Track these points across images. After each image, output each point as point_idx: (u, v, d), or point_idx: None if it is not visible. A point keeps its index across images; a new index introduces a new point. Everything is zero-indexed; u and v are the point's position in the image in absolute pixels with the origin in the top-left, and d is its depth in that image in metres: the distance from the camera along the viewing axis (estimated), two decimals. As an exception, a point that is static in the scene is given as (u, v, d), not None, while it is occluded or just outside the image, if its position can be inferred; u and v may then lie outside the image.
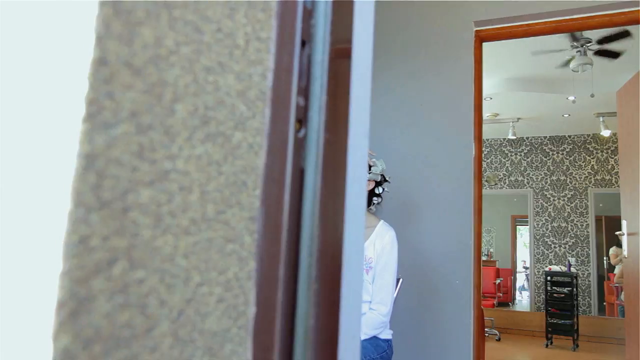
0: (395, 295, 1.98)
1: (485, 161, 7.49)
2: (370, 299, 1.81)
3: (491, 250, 9.85)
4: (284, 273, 0.42)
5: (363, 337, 1.75)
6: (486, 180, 7.41)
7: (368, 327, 1.76)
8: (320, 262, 0.43)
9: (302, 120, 0.45)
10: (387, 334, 1.84)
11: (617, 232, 3.05)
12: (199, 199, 0.35)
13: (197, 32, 0.35)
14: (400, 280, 2.09)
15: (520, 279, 9.60)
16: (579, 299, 6.30)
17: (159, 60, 0.32)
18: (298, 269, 0.43)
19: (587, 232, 6.70)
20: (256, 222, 0.42)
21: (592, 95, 4.79)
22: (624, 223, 2.93)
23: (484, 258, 9.51)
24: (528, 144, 7.22)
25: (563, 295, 5.51)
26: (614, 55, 4.37)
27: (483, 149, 7.50)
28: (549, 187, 6.95)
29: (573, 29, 2.21)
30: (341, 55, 0.49)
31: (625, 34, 4.00)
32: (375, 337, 1.79)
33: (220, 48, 0.38)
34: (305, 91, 0.45)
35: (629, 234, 2.88)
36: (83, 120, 0.26)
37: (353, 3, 0.53)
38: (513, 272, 9.13)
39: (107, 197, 0.28)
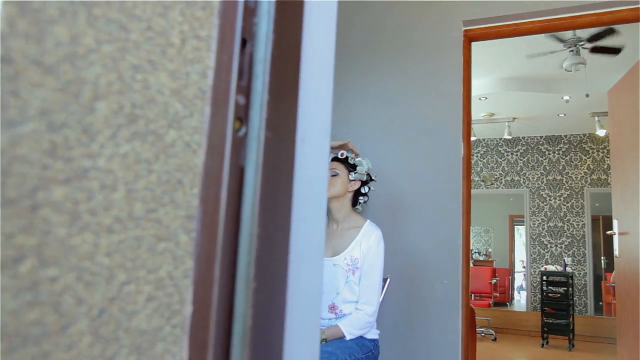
0: (382, 295, 1.98)
1: (481, 161, 7.49)
2: (357, 299, 1.81)
3: (489, 250, 9.85)
4: (220, 271, 0.41)
5: (349, 337, 1.75)
6: (482, 180, 7.41)
7: (354, 327, 1.75)
8: (259, 261, 0.43)
9: (242, 119, 0.45)
10: (373, 334, 1.84)
11: (608, 232, 3.05)
12: (124, 197, 0.35)
13: (122, 31, 0.35)
14: (388, 280, 2.09)
15: (519, 279, 9.60)
16: (574, 298, 6.29)
17: (75, 58, 0.32)
18: (236, 268, 0.43)
19: (584, 231, 6.70)
20: (194, 220, 0.42)
21: (587, 95, 4.79)
22: (615, 222, 2.92)
23: (481, 258, 9.51)
24: (524, 143, 7.22)
25: (559, 295, 5.51)
26: (615, 51, 4.30)
27: (479, 148, 7.50)
28: (545, 186, 6.95)
29: (561, 29, 2.21)
30: (287, 53, 0.49)
31: (611, 31, 3.99)
32: (361, 337, 1.79)
33: (150, 46, 0.38)
34: (246, 89, 0.45)
35: (620, 234, 2.88)
36: (-18, 118, 0.26)
37: (303, 3, 0.53)
38: (511, 271, 9.13)
39: (12, 195, 0.28)
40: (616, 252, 2.90)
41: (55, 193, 0.30)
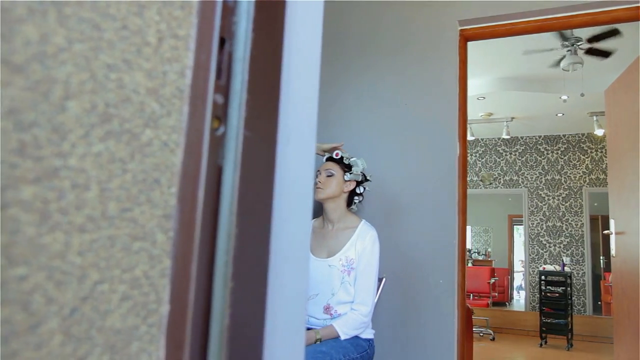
0: (377, 295, 1.98)
1: (480, 161, 7.49)
2: (352, 299, 1.81)
3: (489, 249, 9.85)
4: (198, 271, 0.41)
5: (343, 337, 1.75)
6: (481, 180, 7.41)
7: (348, 327, 1.75)
8: (237, 261, 0.43)
9: (221, 118, 0.45)
10: (368, 334, 1.84)
11: (605, 232, 3.05)
12: (97, 196, 0.35)
13: (95, 30, 0.35)
14: (384, 279, 2.09)
15: (518, 279, 9.60)
16: (573, 298, 6.29)
17: (45, 57, 0.32)
18: (214, 267, 0.43)
19: (582, 231, 6.70)
20: (171, 219, 0.42)
21: (582, 95, 4.79)
22: (612, 222, 2.92)
23: (481, 258, 9.52)
24: (523, 143, 7.22)
25: (557, 294, 5.51)
26: (605, 54, 4.36)
27: (478, 148, 7.50)
28: (544, 186, 6.95)
29: (556, 28, 2.21)
30: (267, 53, 0.49)
31: (614, 32, 4.00)
32: (356, 337, 1.79)
33: (125, 45, 0.38)
34: (225, 89, 0.45)
35: (617, 233, 2.88)
36: (-54, 117, 0.26)
37: (285, 3, 0.53)
38: (510, 271, 9.13)
39: (-22, 194, 0.28)
40: (613, 252, 2.90)
41: (25, 192, 0.30)
